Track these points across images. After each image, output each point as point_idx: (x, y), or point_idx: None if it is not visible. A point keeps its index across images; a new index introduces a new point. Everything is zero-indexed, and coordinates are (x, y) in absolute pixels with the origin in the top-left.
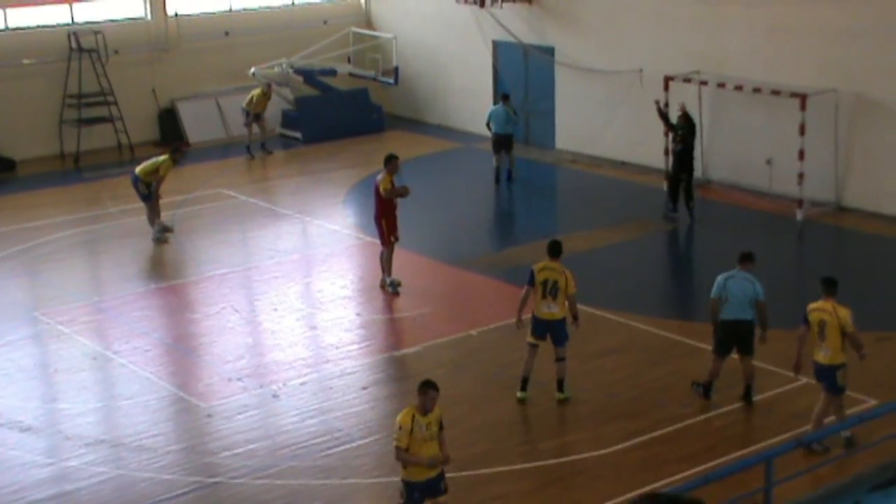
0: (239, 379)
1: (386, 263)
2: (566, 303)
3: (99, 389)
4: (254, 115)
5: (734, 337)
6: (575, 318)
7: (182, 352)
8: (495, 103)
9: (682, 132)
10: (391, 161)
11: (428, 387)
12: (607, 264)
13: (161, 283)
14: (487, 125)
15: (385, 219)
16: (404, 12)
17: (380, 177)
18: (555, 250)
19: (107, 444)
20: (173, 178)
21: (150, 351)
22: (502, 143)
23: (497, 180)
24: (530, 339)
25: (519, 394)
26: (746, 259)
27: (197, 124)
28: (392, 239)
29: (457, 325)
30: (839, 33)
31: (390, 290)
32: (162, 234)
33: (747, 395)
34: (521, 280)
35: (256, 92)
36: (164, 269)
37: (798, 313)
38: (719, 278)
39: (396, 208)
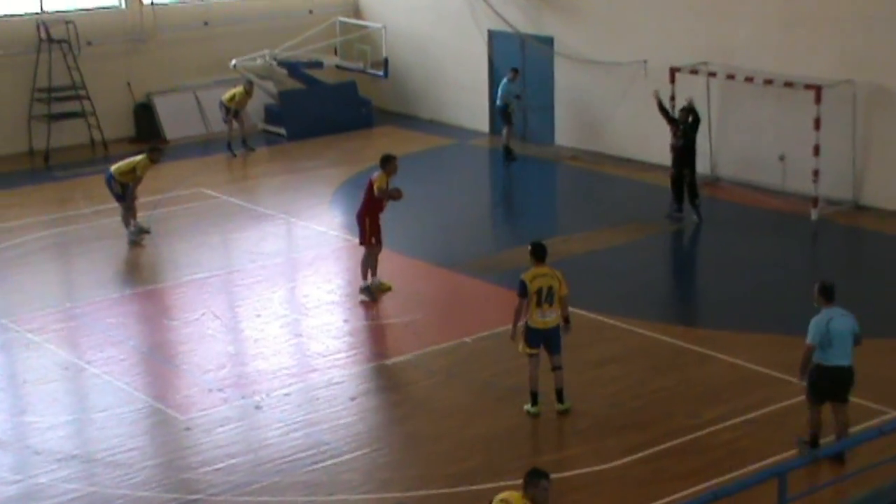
0: (219, 389)
1: (364, 266)
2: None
3: (71, 401)
4: (233, 110)
5: (837, 385)
6: (567, 320)
7: (159, 361)
8: (495, 85)
9: (684, 127)
10: (390, 161)
11: (539, 477)
12: (609, 267)
13: (137, 287)
14: (496, 100)
15: (369, 217)
16: (394, 1)
17: (376, 174)
18: (541, 254)
19: (79, 460)
20: (150, 177)
21: (126, 360)
22: (504, 115)
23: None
24: (527, 350)
25: (532, 409)
26: (832, 294)
27: (175, 120)
28: (373, 240)
29: (450, 331)
30: (857, 21)
31: (365, 296)
32: (138, 236)
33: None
34: (517, 284)
35: (238, 90)
36: (140, 273)
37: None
38: (819, 321)
39: (383, 210)
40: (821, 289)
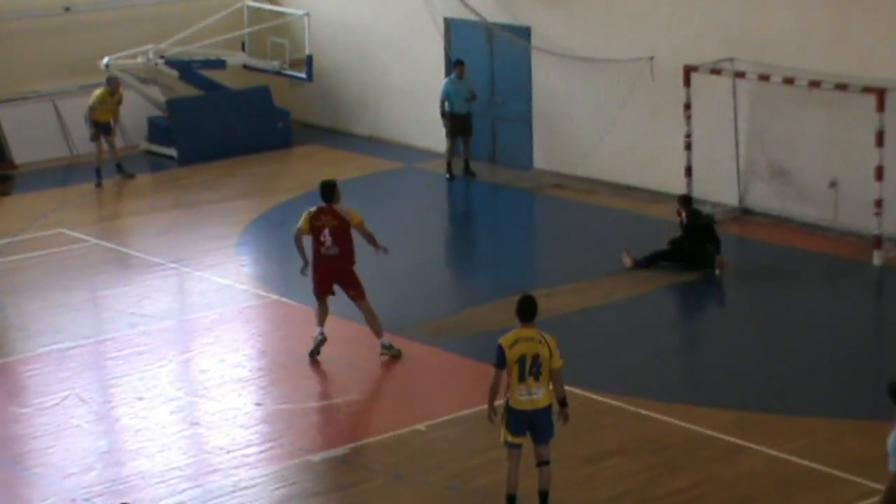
0: (86, 499)
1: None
2: (550, 383)
3: None
4: (101, 124)
5: None
6: (563, 403)
7: (2, 462)
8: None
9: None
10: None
11: None
12: (608, 329)
13: None
14: (443, 105)
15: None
16: None
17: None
18: (528, 312)
19: None
20: None
21: None
22: (464, 125)
23: (451, 174)
24: (509, 437)
25: None
26: None
27: (26, 138)
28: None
29: (398, 416)
30: None
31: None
32: None
33: None
34: (488, 353)
35: (99, 92)
36: None
37: (880, 396)
38: None
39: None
40: (893, 391)
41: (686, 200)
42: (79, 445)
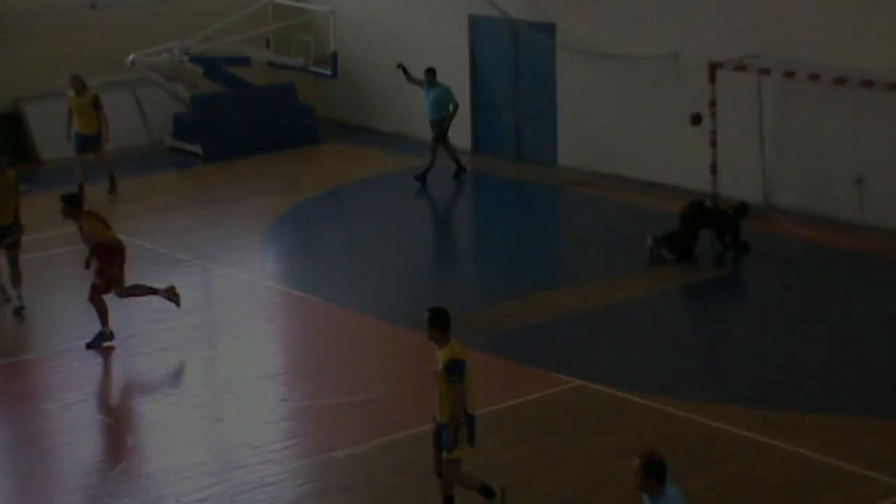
0: (111, 495)
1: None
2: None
3: None
4: (86, 137)
5: None
6: None
7: (28, 457)
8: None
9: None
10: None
11: None
12: (632, 326)
13: None
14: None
15: None
16: None
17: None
18: (448, 321)
19: None
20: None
21: None
22: (433, 130)
23: (458, 169)
24: (472, 450)
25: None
26: (665, 472)
27: (53, 134)
28: None
29: (421, 413)
30: None
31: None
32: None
33: None
34: (510, 350)
35: (71, 94)
36: (2, 340)
37: None
38: None
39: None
40: (649, 467)
41: (744, 210)
42: (103, 441)
